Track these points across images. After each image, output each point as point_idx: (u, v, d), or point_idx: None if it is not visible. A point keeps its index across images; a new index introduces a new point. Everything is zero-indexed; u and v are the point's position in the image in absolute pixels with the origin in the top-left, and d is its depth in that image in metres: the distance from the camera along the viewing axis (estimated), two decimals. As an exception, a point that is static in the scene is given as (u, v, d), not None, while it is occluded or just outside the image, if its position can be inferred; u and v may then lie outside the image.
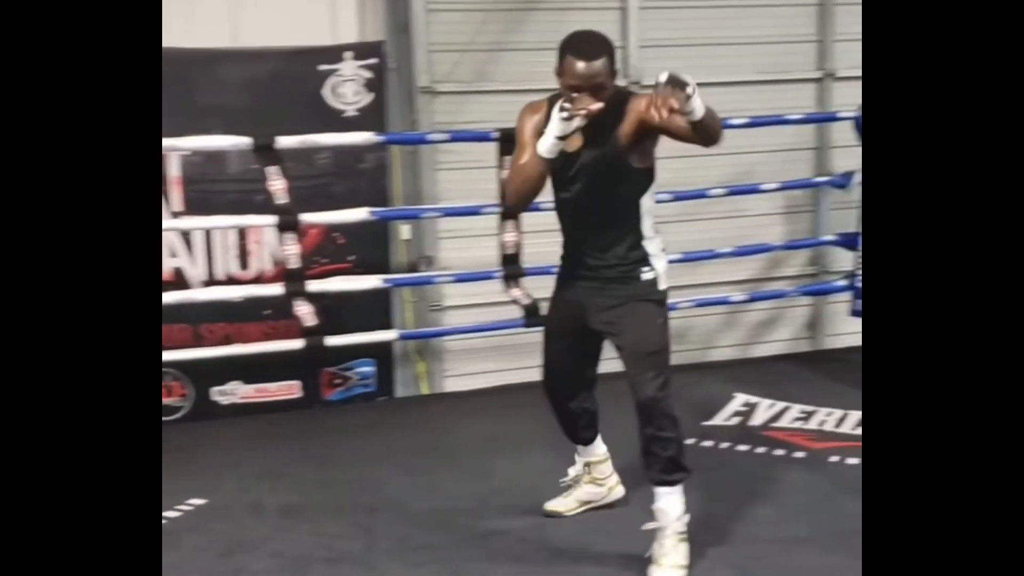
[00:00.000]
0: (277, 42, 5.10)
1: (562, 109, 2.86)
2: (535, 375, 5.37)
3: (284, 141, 4.34)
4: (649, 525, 3.23)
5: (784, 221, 5.94)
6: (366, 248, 5.27)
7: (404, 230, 5.30)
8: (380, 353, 5.39)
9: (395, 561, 3.32)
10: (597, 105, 2.86)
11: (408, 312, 5.40)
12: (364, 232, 5.17)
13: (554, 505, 3.64)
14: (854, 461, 4.03)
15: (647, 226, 3.18)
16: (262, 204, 4.87)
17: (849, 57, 5.84)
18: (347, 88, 5.17)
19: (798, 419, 4.54)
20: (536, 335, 5.31)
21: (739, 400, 4.79)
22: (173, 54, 4.88)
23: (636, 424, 3.16)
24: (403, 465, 4.15)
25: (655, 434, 3.15)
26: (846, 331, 5.85)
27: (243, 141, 4.35)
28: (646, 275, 3.16)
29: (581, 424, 3.56)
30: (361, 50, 5.19)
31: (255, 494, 3.91)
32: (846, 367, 5.23)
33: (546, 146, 2.95)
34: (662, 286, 3.20)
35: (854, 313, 5.25)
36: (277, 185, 4.30)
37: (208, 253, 5.08)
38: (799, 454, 4.14)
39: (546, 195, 3.22)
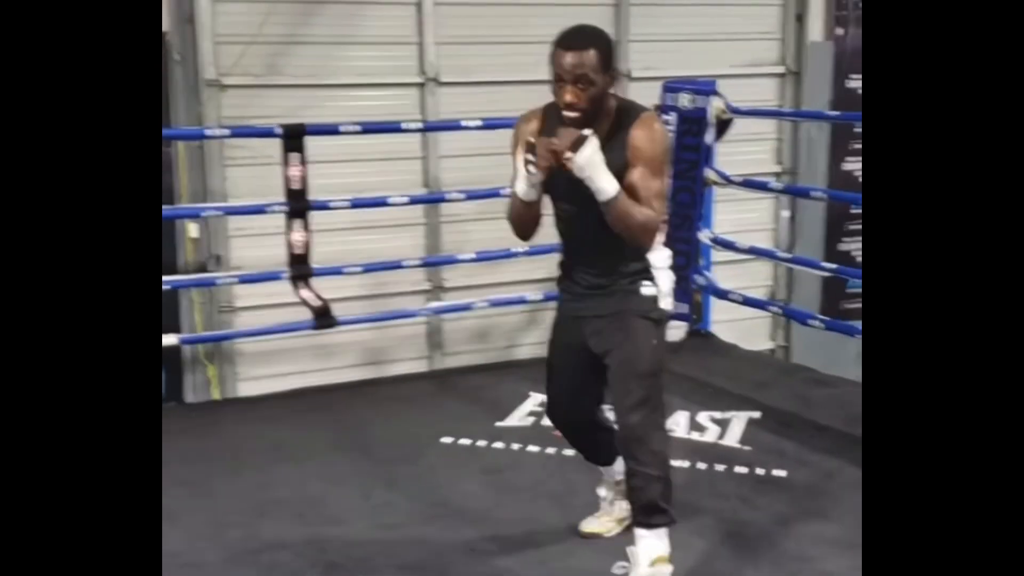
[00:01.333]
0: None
1: (526, 162, 2.67)
2: (333, 377, 5.34)
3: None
4: (617, 568, 3.07)
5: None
6: (150, 248, 5.02)
7: (192, 228, 5.08)
8: (167, 357, 5.14)
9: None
10: (554, 147, 2.64)
11: (197, 314, 5.18)
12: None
13: (590, 526, 3.36)
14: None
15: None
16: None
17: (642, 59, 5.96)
18: (128, 79, 4.90)
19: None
20: (332, 336, 5.27)
21: (534, 400, 4.78)
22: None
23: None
24: (178, 475, 3.90)
25: (634, 468, 2.89)
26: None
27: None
28: (647, 290, 2.90)
29: (598, 449, 3.24)
30: (142, 40, 4.92)
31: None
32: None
33: (520, 190, 2.77)
34: (664, 305, 2.93)
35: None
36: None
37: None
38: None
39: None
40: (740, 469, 3.98)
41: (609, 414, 3.10)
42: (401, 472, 3.97)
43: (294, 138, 4.43)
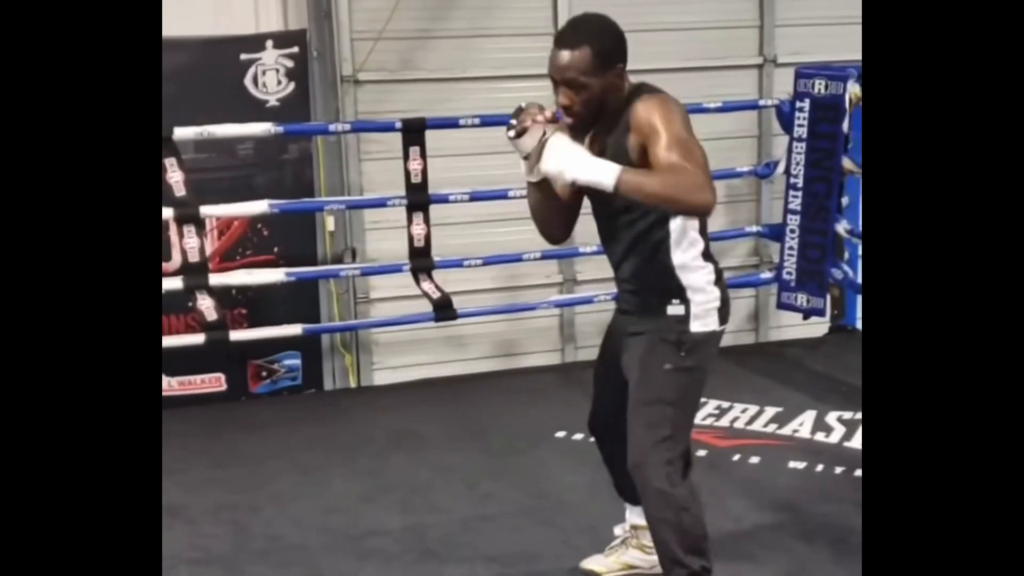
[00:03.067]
0: (200, 31, 5.04)
1: (508, 127, 2.45)
2: (465, 368, 5.41)
3: (180, 132, 4.26)
4: None
5: (725, 211, 5.83)
6: (291, 240, 5.22)
7: (329, 221, 5.24)
8: (306, 345, 5.34)
9: (262, 563, 3.28)
10: (543, 115, 2.42)
11: (335, 304, 5.34)
12: (289, 223, 5.11)
13: (592, 564, 3.11)
14: (755, 460, 3.95)
15: (685, 252, 2.63)
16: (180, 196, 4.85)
17: (788, 43, 5.75)
18: (269, 77, 5.10)
19: (711, 415, 4.45)
20: (465, 327, 5.34)
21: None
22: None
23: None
24: (298, 461, 4.10)
25: (649, 513, 2.64)
26: (783, 324, 5.76)
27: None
28: (673, 310, 2.61)
29: (628, 480, 2.80)
30: (282, 39, 5.12)
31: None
32: (775, 361, 5.15)
33: (522, 169, 2.52)
34: (696, 327, 2.60)
35: (780, 306, 5.15)
36: (175, 177, 4.23)
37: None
38: (701, 452, 4.04)
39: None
40: (859, 472, 3.78)
41: None
42: (510, 464, 3.99)
43: (414, 132, 4.50)
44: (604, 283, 5.43)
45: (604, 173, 2.34)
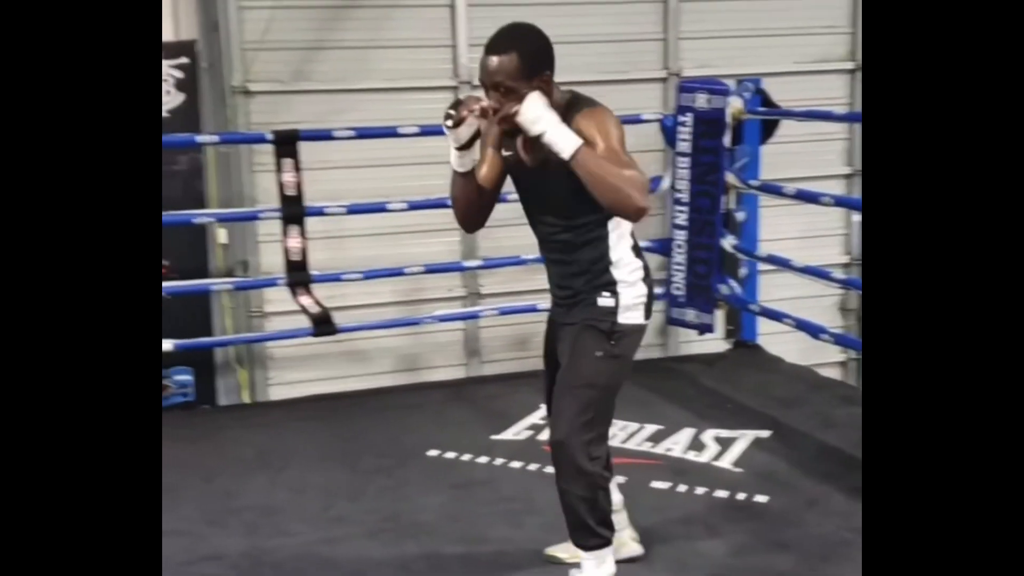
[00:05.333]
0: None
1: (445, 116, 2.58)
2: (366, 382, 5.32)
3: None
4: None
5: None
6: (183, 253, 5.14)
7: (221, 234, 5.17)
8: (199, 361, 5.27)
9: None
10: (483, 103, 2.56)
11: (227, 318, 5.26)
12: (180, 236, 5.04)
13: (555, 550, 3.19)
14: (620, 479, 3.86)
15: (618, 249, 2.78)
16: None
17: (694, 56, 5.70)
18: (158, 89, 5.03)
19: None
20: (361, 341, 5.27)
21: (542, 412, 4.61)
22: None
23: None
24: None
25: (562, 487, 2.81)
26: (693, 339, 5.69)
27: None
28: (603, 301, 2.77)
29: None
30: (172, 49, 5.06)
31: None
32: (669, 377, 5.08)
33: (452, 159, 2.69)
34: (623, 319, 2.77)
35: (671, 322, 5.09)
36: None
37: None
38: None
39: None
40: (721, 493, 3.71)
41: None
42: (373, 484, 3.90)
43: (287, 144, 4.43)
44: (507, 297, 5.40)
45: (568, 139, 2.51)
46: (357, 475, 4.00)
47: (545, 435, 4.11)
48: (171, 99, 5.05)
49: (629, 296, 2.79)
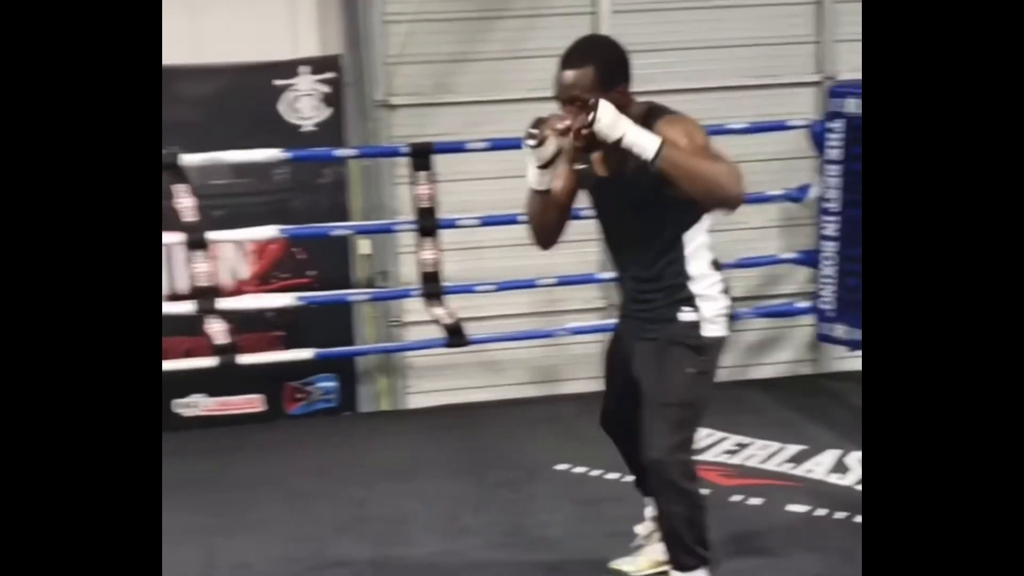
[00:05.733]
0: (239, 57, 5.13)
1: (528, 136, 2.58)
2: (497, 394, 5.32)
3: (188, 159, 4.34)
4: None
5: (781, 235, 5.57)
6: (327, 263, 5.26)
7: (363, 245, 5.24)
8: (342, 368, 5.36)
9: (217, 590, 3.27)
10: (566, 122, 2.54)
11: (369, 327, 5.34)
12: (324, 247, 5.15)
13: (621, 564, 3.20)
14: (756, 502, 3.72)
15: (696, 263, 2.75)
16: (220, 219, 4.95)
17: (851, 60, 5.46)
18: (304, 103, 5.16)
19: (728, 452, 4.24)
20: (497, 352, 5.26)
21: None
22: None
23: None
24: (289, 486, 4.11)
25: (661, 507, 2.80)
26: (844, 355, 5.44)
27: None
28: (685, 316, 2.73)
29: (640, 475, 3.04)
30: (317, 64, 5.17)
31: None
32: (815, 395, 4.87)
33: (530, 177, 2.68)
34: (708, 332, 2.74)
35: (820, 338, 4.86)
36: (185, 203, 4.31)
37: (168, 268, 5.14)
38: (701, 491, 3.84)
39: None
40: (860, 519, 3.51)
41: None
42: (499, 497, 3.89)
43: (421, 157, 4.45)
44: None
45: (649, 139, 2.45)
46: (484, 487, 3.99)
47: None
48: (317, 114, 5.17)
49: (710, 309, 2.75)
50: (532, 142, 2.56)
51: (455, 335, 4.54)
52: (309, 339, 5.08)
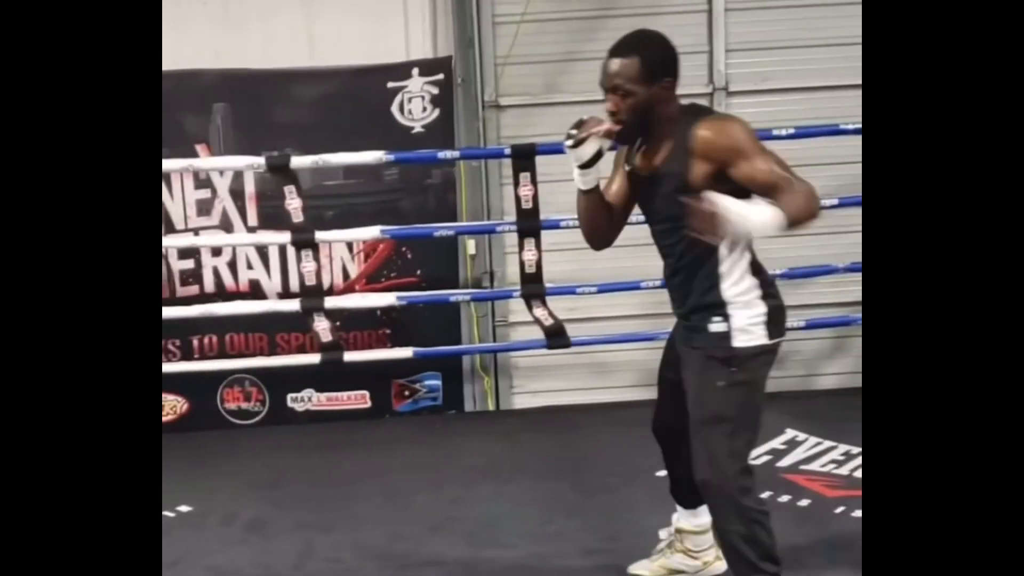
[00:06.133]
0: (353, 60, 5.22)
1: (567, 136, 2.61)
2: (604, 396, 5.27)
3: (298, 161, 4.43)
4: None
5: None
6: (435, 263, 5.31)
7: (470, 245, 5.28)
8: (447, 367, 5.41)
9: (309, 585, 3.33)
10: (602, 127, 2.58)
11: (475, 327, 5.37)
12: (432, 247, 5.20)
13: (638, 568, 3.21)
14: (859, 514, 3.59)
15: (730, 269, 2.63)
16: (331, 219, 5.06)
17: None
18: (415, 104, 5.22)
19: (834, 461, 4.11)
20: (603, 353, 5.22)
21: (785, 436, 4.39)
22: (251, 75, 5.17)
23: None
24: (394, 484, 4.16)
25: (719, 526, 2.73)
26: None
27: (257, 160, 4.48)
28: (715, 327, 2.63)
29: (684, 484, 2.99)
30: (428, 66, 5.22)
31: (238, 505, 4.05)
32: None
33: (576, 177, 2.69)
34: (740, 342, 2.61)
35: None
36: (293, 204, 4.40)
37: (283, 266, 5.27)
38: (804, 502, 3.75)
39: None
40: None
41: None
42: (595, 502, 3.85)
43: (524, 158, 4.45)
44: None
45: (775, 220, 2.37)
46: (581, 491, 3.96)
47: (786, 461, 3.93)
48: (427, 115, 5.22)
49: (743, 318, 2.62)
50: (570, 142, 2.59)
51: (556, 336, 4.52)
52: (416, 338, 5.15)
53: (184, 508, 4.02)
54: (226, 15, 5.21)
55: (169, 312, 4.62)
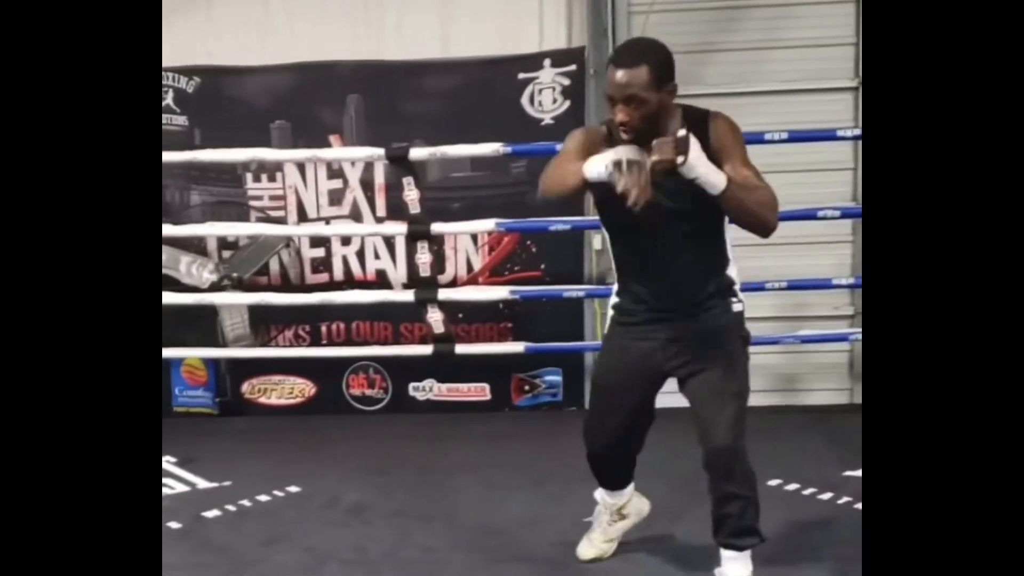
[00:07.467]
0: (486, 51, 5.21)
1: (616, 165, 2.46)
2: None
3: (416, 152, 4.43)
4: None
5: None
6: (559, 257, 5.24)
7: (596, 240, 5.18)
8: (569, 363, 5.33)
9: (399, 572, 3.30)
10: (646, 172, 2.47)
11: (597, 324, 5.26)
12: (557, 241, 5.13)
13: (587, 552, 3.32)
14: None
15: (729, 249, 2.88)
16: (457, 211, 5.06)
17: None
18: (545, 96, 5.17)
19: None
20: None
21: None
22: (384, 66, 5.22)
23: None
24: (493, 479, 4.12)
25: (730, 491, 2.83)
26: None
27: (376, 152, 4.50)
28: (736, 306, 2.87)
29: (618, 475, 3.30)
30: (559, 57, 5.15)
31: (344, 488, 4.08)
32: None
33: (594, 172, 2.61)
34: (745, 323, 2.91)
35: None
36: (411, 195, 4.41)
37: (408, 256, 5.30)
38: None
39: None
40: None
41: None
42: (697, 506, 3.59)
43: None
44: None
45: (717, 176, 2.56)
46: (688, 495, 3.78)
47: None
48: (557, 106, 5.15)
49: (744, 299, 2.90)
50: (614, 183, 2.48)
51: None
52: (537, 333, 5.10)
53: (293, 488, 4.08)
54: (366, 9, 5.27)
55: (297, 299, 4.71)
